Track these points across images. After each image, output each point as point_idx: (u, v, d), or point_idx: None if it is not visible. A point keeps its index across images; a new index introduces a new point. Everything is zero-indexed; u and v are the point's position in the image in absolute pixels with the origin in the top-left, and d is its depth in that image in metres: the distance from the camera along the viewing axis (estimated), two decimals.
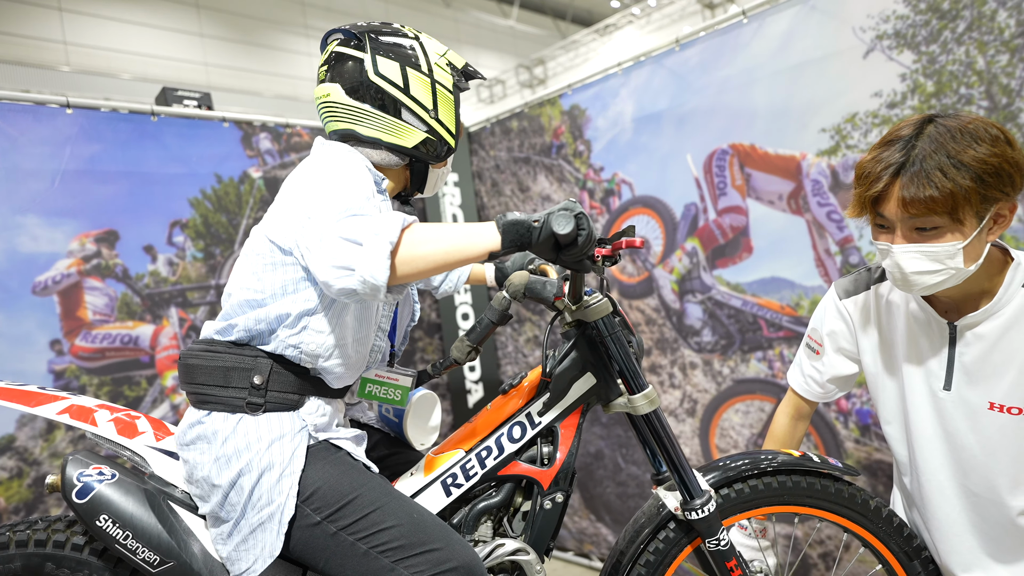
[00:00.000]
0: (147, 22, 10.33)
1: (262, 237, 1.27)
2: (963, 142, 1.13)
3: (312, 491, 1.21)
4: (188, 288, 2.64)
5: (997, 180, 1.13)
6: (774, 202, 2.33)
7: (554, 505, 1.35)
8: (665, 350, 2.70)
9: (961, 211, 1.13)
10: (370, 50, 1.34)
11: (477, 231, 1.11)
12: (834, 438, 2.27)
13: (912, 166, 1.15)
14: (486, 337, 1.31)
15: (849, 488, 1.43)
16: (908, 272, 1.20)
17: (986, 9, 1.85)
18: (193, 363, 1.26)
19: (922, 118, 1.20)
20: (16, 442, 2.22)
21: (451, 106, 1.40)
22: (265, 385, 1.23)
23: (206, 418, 1.24)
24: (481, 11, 15.32)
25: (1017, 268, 1.23)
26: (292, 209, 1.21)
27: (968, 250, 1.17)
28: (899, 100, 2.02)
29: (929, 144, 1.15)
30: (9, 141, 2.26)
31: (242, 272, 1.28)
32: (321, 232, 1.09)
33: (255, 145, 2.86)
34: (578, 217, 1.09)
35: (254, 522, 1.19)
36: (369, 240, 1.05)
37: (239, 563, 1.21)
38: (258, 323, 1.24)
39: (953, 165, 1.12)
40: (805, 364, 1.56)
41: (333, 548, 1.19)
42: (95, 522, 1.19)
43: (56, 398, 1.30)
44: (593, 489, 3.03)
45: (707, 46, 2.45)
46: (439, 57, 1.40)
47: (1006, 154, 1.13)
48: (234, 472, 1.19)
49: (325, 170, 1.21)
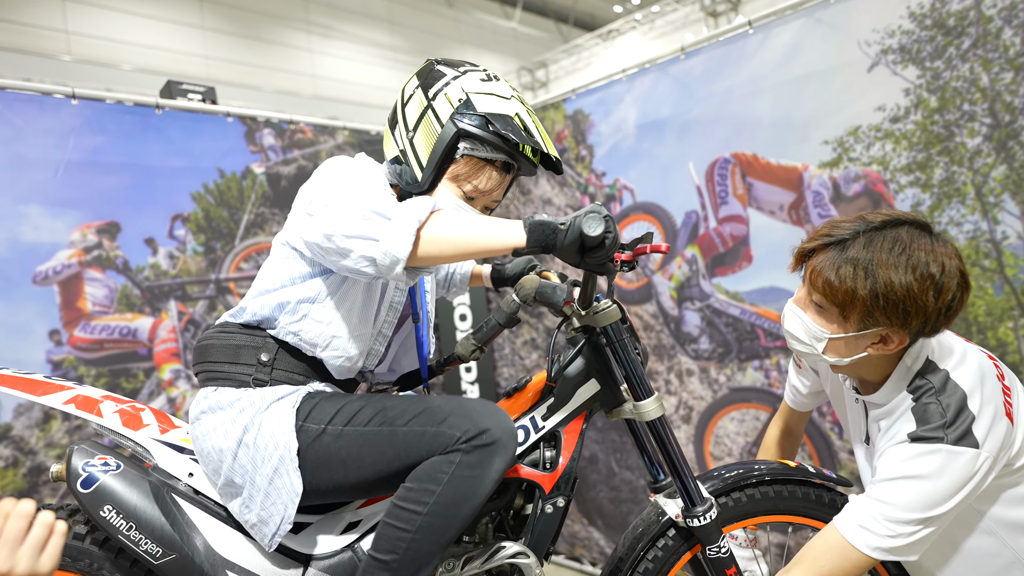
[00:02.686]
0: (149, 13, 10.30)
1: (278, 244, 1.33)
2: (891, 261, 1.14)
3: (308, 412, 1.25)
4: (188, 282, 2.64)
5: (890, 307, 1.14)
6: (775, 212, 2.35)
7: (555, 509, 1.35)
8: (662, 356, 2.71)
9: (849, 311, 1.18)
10: (418, 71, 1.38)
11: (504, 227, 1.12)
12: (828, 448, 2.29)
13: (840, 250, 1.19)
14: (492, 338, 1.32)
15: (843, 499, 1.45)
16: (785, 327, 1.30)
17: (991, 27, 1.88)
18: (207, 344, 1.32)
19: (895, 218, 1.21)
20: (12, 431, 2.21)
21: (431, 137, 1.28)
22: (271, 363, 1.28)
23: (212, 393, 1.28)
24: (484, 12, 15.33)
25: (903, 368, 1.25)
26: (306, 208, 1.24)
27: (835, 344, 1.23)
28: (902, 115, 2.04)
29: (866, 243, 1.17)
30: (13, 130, 2.25)
31: (264, 269, 1.35)
32: (348, 207, 1.13)
33: (258, 141, 2.86)
34: (607, 219, 1.10)
35: (269, 472, 1.21)
36: (398, 215, 1.10)
37: (271, 521, 1.22)
38: (263, 308, 1.29)
39: (865, 272, 1.15)
40: (792, 375, 1.63)
41: (345, 444, 1.22)
42: (99, 512, 1.19)
43: (62, 388, 1.31)
44: (586, 493, 3.04)
45: (712, 55, 2.47)
46: (460, 91, 1.29)
47: (918, 295, 1.13)
48: (239, 430, 1.23)
49: (341, 173, 1.24)
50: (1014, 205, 1.88)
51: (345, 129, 3.19)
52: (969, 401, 1.18)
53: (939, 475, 1.15)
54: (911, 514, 1.17)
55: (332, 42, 12.60)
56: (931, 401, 1.20)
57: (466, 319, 3.39)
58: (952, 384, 1.21)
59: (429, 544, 1.17)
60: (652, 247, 1.17)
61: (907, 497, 1.17)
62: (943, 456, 1.16)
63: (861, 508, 1.22)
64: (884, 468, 1.21)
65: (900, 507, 1.17)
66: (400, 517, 1.17)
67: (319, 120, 3.11)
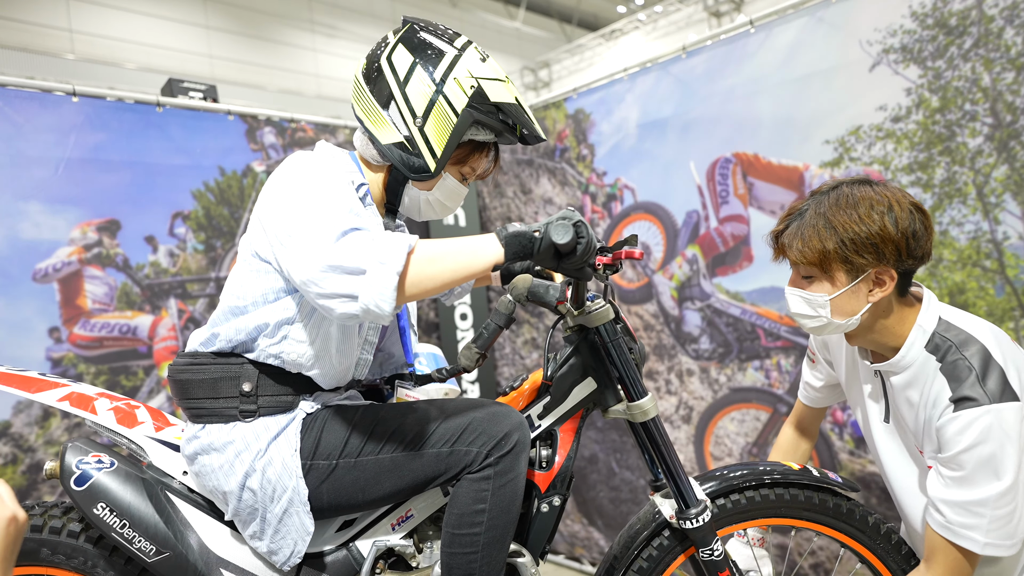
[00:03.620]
0: (153, 12, 10.32)
1: (247, 253, 1.25)
2: (843, 211, 1.25)
3: (314, 447, 1.23)
4: (188, 280, 2.64)
5: (862, 247, 1.23)
6: (776, 212, 2.34)
7: (551, 508, 1.35)
8: (662, 356, 2.70)
9: (828, 266, 1.27)
10: (402, 38, 1.28)
11: (481, 245, 1.10)
12: (828, 449, 2.28)
13: (799, 219, 1.30)
14: (492, 342, 1.31)
15: (848, 503, 1.43)
16: (792, 312, 1.35)
17: (993, 27, 1.87)
18: (181, 378, 1.25)
19: (835, 183, 1.33)
20: (11, 428, 2.22)
21: (446, 127, 1.24)
22: (255, 391, 1.23)
23: (201, 432, 1.24)
24: (487, 12, 15.33)
25: (918, 330, 1.29)
26: (268, 222, 1.18)
27: (837, 304, 1.28)
28: (904, 114, 2.03)
29: (817, 206, 1.29)
30: (14, 127, 2.26)
31: (231, 279, 1.28)
32: (316, 258, 1.05)
33: (259, 139, 2.86)
34: (576, 226, 1.09)
35: (278, 512, 1.21)
36: (373, 268, 1.02)
37: (281, 552, 1.23)
38: (238, 333, 1.22)
39: (826, 227, 1.25)
40: (806, 371, 1.65)
41: (361, 475, 1.22)
42: (92, 510, 1.19)
43: (57, 385, 1.30)
44: (586, 493, 3.03)
45: (713, 55, 2.46)
46: (469, 77, 1.24)
47: (879, 228, 1.23)
48: (240, 476, 1.20)
49: (300, 184, 1.16)
50: (1015, 205, 1.87)
51: (346, 128, 3.19)
52: (993, 353, 1.22)
53: (996, 437, 1.17)
54: (991, 488, 1.17)
55: (336, 42, 12.61)
56: (957, 357, 1.24)
57: (467, 318, 3.39)
58: (970, 338, 1.25)
59: (497, 553, 1.24)
60: (627, 252, 1.16)
61: (980, 472, 1.18)
62: (992, 416, 1.17)
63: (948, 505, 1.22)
64: (946, 446, 1.21)
65: (976, 484, 1.18)
66: (462, 543, 1.22)
67: (320, 119, 3.11)
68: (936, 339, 1.27)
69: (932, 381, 1.25)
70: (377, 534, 1.32)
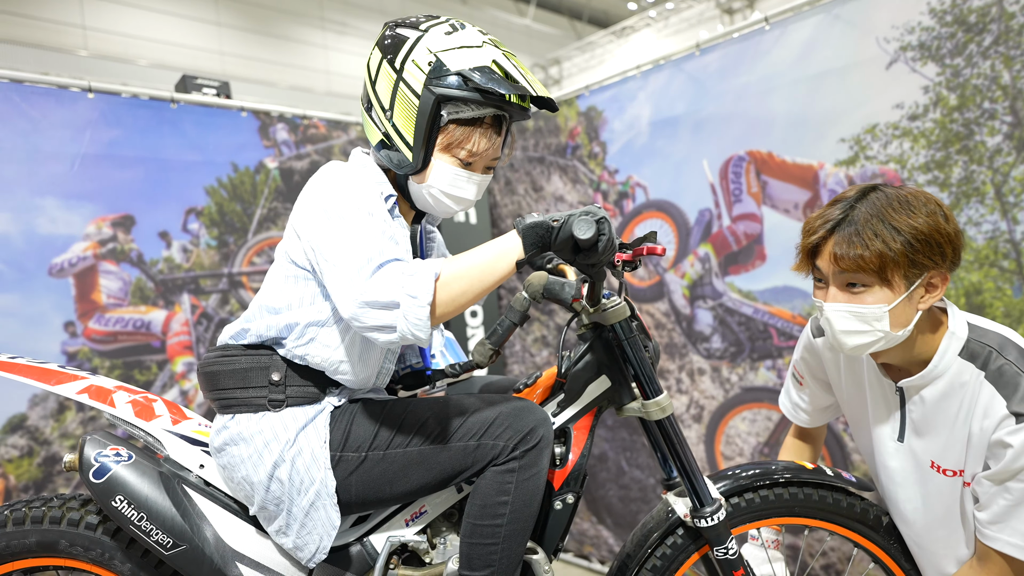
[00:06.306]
0: (165, 9, 10.36)
1: (284, 259, 1.28)
2: (900, 210, 1.19)
3: (343, 439, 1.24)
4: (201, 275, 2.65)
5: (927, 247, 1.17)
6: (789, 211, 2.33)
7: (564, 506, 1.35)
8: (674, 355, 2.70)
9: (890, 272, 1.18)
10: (376, 41, 1.27)
11: (500, 247, 1.11)
12: (841, 450, 2.27)
13: (848, 225, 1.21)
14: (507, 338, 1.31)
15: (861, 503, 1.43)
16: (837, 331, 1.23)
17: (1014, 23, 1.84)
18: (211, 370, 1.27)
19: (867, 186, 1.27)
20: (28, 421, 2.24)
21: (410, 113, 1.19)
22: (284, 381, 1.25)
23: (230, 422, 1.25)
24: (497, 9, 15.29)
25: (951, 337, 1.25)
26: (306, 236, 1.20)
27: (895, 314, 1.20)
28: (921, 112, 2.01)
29: (868, 208, 1.21)
30: (31, 123, 2.27)
31: (266, 285, 1.31)
32: (354, 295, 1.07)
33: (272, 135, 2.88)
34: (600, 222, 1.08)
35: (305, 505, 1.22)
36: (406, 302, 1.04)
37: (307, 548, 1.24)
38: (269, 329, 1.25)
39: (886, 228, 1.17)
40: (792, 393, 1.62)
41: (389, 468, 1.23)
42: (110, 502, 1.20)
43: (76, 377, 1.32)
44: (596, 491, 3.03)
45: (727, 52, 2.44)
46: (428, 54, 1.18)
47: (939, 225, 1.18)
48: (269, 466, 1.21)
49: (335, 203, 1.17)
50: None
51: (357, 124, 3.19)
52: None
53: None
54: None
55: (346, 39, 12.62)
56: (1001, 363, 1.20)
57: (477, 315, 3.39)
58: (1004, 340, 1.22)
59: (517, 546, 1.25)
60: (648, 248, 1.16)
61: None
62: None
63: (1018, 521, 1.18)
64: (1015, 460, 1.16)
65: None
66: (483, 534, 1.22)
67: (332, 115, 3.12)
68: (972, 345, 1.23)
69: (977, 390, 1.22)
70: (391, 529, 1.33)
